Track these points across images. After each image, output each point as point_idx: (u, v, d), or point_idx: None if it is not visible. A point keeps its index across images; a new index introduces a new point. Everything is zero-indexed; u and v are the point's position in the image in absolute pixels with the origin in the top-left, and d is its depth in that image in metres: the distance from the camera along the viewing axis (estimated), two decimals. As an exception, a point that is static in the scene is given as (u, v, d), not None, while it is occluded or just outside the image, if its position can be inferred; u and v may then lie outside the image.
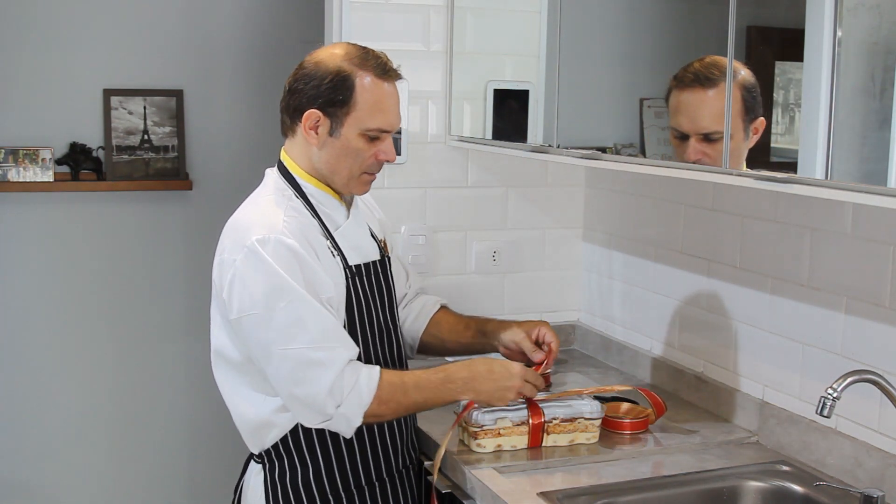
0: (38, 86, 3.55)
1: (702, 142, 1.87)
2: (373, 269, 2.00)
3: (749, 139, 1.75)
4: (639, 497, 1.87)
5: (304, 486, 1.93)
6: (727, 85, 1.72)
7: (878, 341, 1.85)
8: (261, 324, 1.80)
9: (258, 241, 1.80)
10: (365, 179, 1.96)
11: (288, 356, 1.80)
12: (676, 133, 1.94)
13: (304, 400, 1.81)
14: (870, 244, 1.86)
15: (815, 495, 1.85)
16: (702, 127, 1.88)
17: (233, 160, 3.80)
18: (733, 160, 1.76)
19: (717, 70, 1.83)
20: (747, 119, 1.78)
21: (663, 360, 2.49)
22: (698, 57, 1.90)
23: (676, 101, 1.95)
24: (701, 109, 1.90)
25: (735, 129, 1.78)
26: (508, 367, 1.96)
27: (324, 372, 1.79)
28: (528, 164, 2.76)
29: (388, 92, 1.92)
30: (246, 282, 1.81)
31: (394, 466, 2.02)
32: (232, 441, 2.82)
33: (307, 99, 1.91)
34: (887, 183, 1.49)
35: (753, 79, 1.75)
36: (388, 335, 2.02)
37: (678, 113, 1.95)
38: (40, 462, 3.68)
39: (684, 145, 1.90)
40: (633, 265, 2.63)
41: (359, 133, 1.90)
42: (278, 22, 3.82)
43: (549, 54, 2.30)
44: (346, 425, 1.84)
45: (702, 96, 1.90)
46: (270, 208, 1.89)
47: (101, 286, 3.70)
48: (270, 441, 1.93)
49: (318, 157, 1.93)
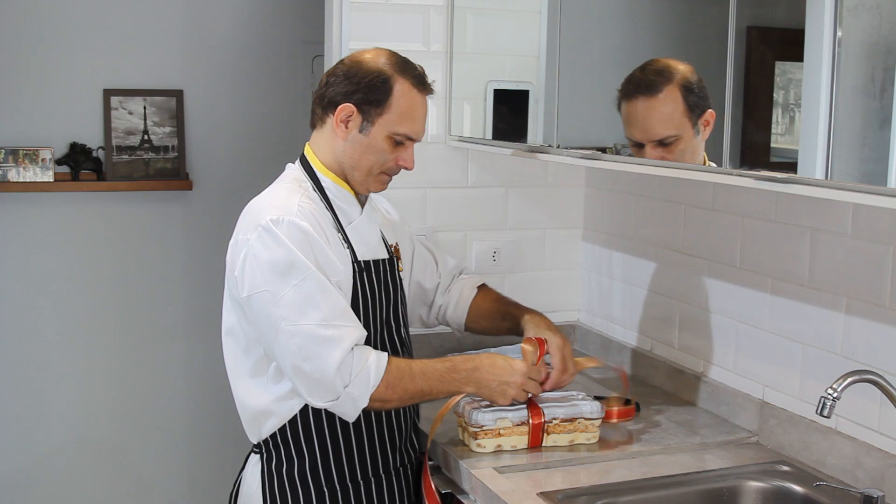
0: (38, 86, 3.55)
1: (657, 147, 1.91)
2: (381, 267, 2.02)
3: (702, 133, 1.79)
4: (639, 497, 1.87)
5: (301, 477, 1.94)
6: (727, 85, 1.72)
7: (878, 341, 1.85)
8: (271, 300, 1.83)
9: (272, 220, 1.84)
10: (382, 179, 2.00)
11: (297, 332, 1.81)
12: (632, 142, 1.98)
13: (312, 375, 1.82)
14: (870, 244, 1.86)
15: (815, 495, 1.85)
16: (654, 134, 1.91)
17: (233, 160, 3.81)
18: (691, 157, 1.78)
19: (657, 75, 1.88)
20: (694, 116, 1.83)
21: (663, 360, 2.49)
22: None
23: (626, 112, 2.00)
24: (649, 118, 1.94)
25: (683, 128, 1.82)
26: (512, 363, 1.98)
27: (333, 348, 1.81)
28: (528, 164, 2.76)
29: (421, 103, 1.97)
30: (258, 259, 1.84)
31: (391, 464, 2.02)
32: (232, 441, 2.82)
33: (344, 93, 1.94)
34: (887, 183, 1.49)
35: (695, 74, 1.80)
36: (389, 333, 2.04)
37: (630, 124, 1.99)
38: (40, 462, 3.68)
39: (642, 152, 1.95)
40: (633, 265, 2.63)
41: (387, 135, 1.94)
42: (278, 22, 3.82)
43: (549, 54, 2.30)
44: (351, 406, 1.85)
45: (647, 105, 1.93)
46: (286, 194, 1.93)
47: (102, 286, 3.70)
48: (268, 431, 1.95)
49: (343, 150, 1.97)
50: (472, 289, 2.30)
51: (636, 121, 1.97)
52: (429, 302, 2.30)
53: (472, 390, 1.95)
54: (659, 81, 1.89)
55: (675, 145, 1.88)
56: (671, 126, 1.87)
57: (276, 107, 3.83)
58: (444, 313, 2.30)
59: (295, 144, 3.93)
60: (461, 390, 1.95)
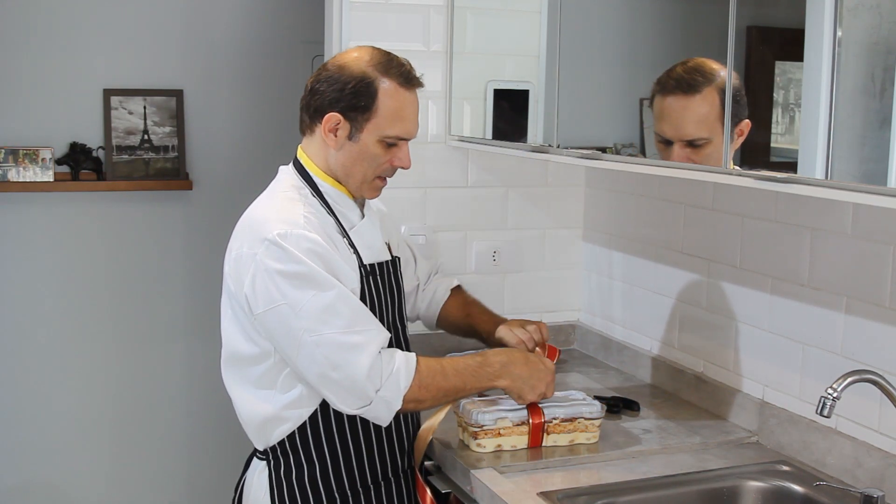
0: (38, 86, 3.55)
1: (686, 147, 1.86)
2: (385, 269, 2.02)
3: (734, 142, 1.75)
4: (639, 497, 1.87)
5: (311, 483, 1.92)
6: (727, 84, 1.72)
7: (878, 341, 1.85)
8: (290, 314, 1.79)
9: (279, 234, 1.80)
10: (377, 185, 1.98)
11: (322, 342, 1.78)
12: (660, 138, 1.94)
13: (343, 383, 1.79)
14: (870, 244, 1.86)
15: (815, 495, 1.85)
16: (685, 134, 1.87)
17: (233, 160, 3.80)
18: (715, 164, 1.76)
19: (699, 75, 1.82)
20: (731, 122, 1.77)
21: (663, 360, 2.49)
22: (691, 57, 1.90)
23: (660, 107, 1.95)
24: (684, 116, 1.89)
25: (715, 133, 1.77)
26: (543, 359, 2.01)
27: (360, 354, 1.79)
28: (528, 164, 2.76)
29: (409, 100, 1.93)
30: (271, 273, 1.80)
31: (399, 467, 2.02)
32: (232, 441, 2.82)
33: (329, 101, 1.91)
34: (887, 183, 1.49)
35: (738, 81, 1.73)
36: (397, 335, 2.03)
37: (662, 119, 1.94)
38: (41, 462, 3.68)
39: (669, 150, 1.90)
40: (633, 265, 2.63)
41: (378, 139, 1.91)
42: (278, 22, 3.82)
43: (549, 54, 2.30)
44: (385, 410, 1.83)
45: (685, 103, 1.88)
46: (289, 205, 1.89)
47: (101, 286, 3.70)
48: (277, 437, 1.92)
49: (335, 159, 1.94)
50: (446, 291, 2.34)
51: (670, 117, 1.92)
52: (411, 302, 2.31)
53: (505, 384, 1.95)
54: (700, 82, 1.83)
55: (704, 148, 1.83)
56: (704, 128, 1.83)
57: (277, 107, 3.83)
58: (417, 312, 2.35)
59: (295, 144, 3.94)
60: (494, 385, 1.94)
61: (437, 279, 2.38)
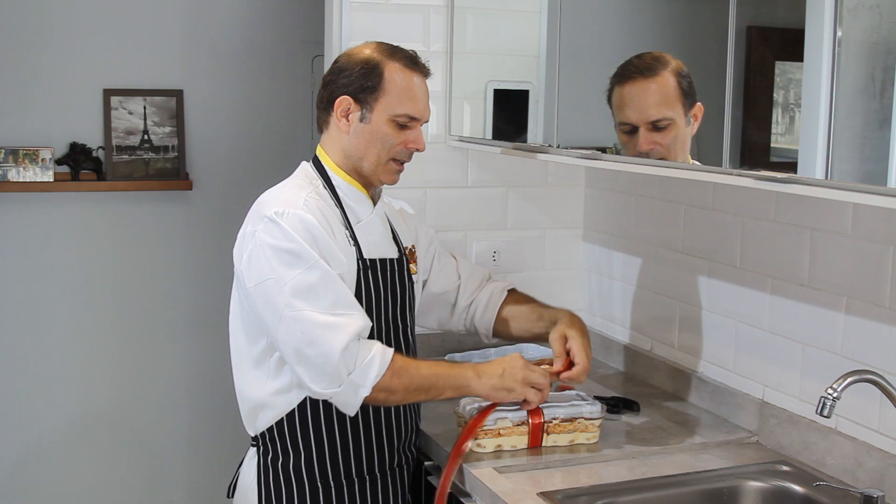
0: (38, 86, 3.55)
1: (651, 131, 1.93)
2: (389, 266, 2.02)
3: (690, 125, 1.83)
4: (639, 497, 1.87)
5: (295, 472, 1.95)
6: (727, 85, 1.72)
7: (878, 341, 1.85)
8: (275, 288, 1.83)
9: (276, 213, 1.86)
10: (392, 168, 2.00)
11: (300, 318, 1.82)
12: (625, 128, 2.00)
13: (315, 360, 1.81)
14: (870, 244, 1.86)
15: (815, 495, 1.85)
16: (650, 115, 1.94)
17: (233, 160, 3.81)
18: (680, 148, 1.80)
19: (656, 62, 1.93)
20: (686, 105, 1.87)
21: (663, 359, 2.49)
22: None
23: (620, 96, 2.02)
24: (646, 99, 1.97)
25: (677, 113, 1.86)
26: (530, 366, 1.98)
27: (338, 333, 1.81)
28: (528, 164, 2.76)
29: (417, 82, 1.98)
30: (263, 249, 1.85)
31: (387, 463, 2.02)
32: (232, 440, 2.83)
33: (339, 88, 1.97)
34: (887, 183, 1.49)
35: (685, 68, 1.87)
36: (395, 333, 2.03)
37: (624, 107, 2.01)
38: (40, 462, 3.68)
39: (634, 138, 1.97)
40: (633, 265, 2.63)
41: (388, 118, 1.95)
42: (278, 22, 3.82)
43: (549, 54, 2.30)
44: (353, 395, 1.84)
45: (645, 85, 1.97)
46: (295, 190, 1.95)
47: (102, 286, 3.70)
48: (264, 424, 1.96)
49: (349, 144, 1.98)
50: (502, 293, 2.27)
51: (633, 102, 1.99)
52: (451, 303, 2.27)
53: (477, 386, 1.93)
54: (656, 66, 1.94)
55: (669, 130, 1.91)
56: (667, 107, 1.90)
57: (276, 107, 3.83)
58: (471, 318, 2.27)
59: (295, 144, 3.95)
60: (468, 383, 1.93)
61: (491, 284, 2.30)
